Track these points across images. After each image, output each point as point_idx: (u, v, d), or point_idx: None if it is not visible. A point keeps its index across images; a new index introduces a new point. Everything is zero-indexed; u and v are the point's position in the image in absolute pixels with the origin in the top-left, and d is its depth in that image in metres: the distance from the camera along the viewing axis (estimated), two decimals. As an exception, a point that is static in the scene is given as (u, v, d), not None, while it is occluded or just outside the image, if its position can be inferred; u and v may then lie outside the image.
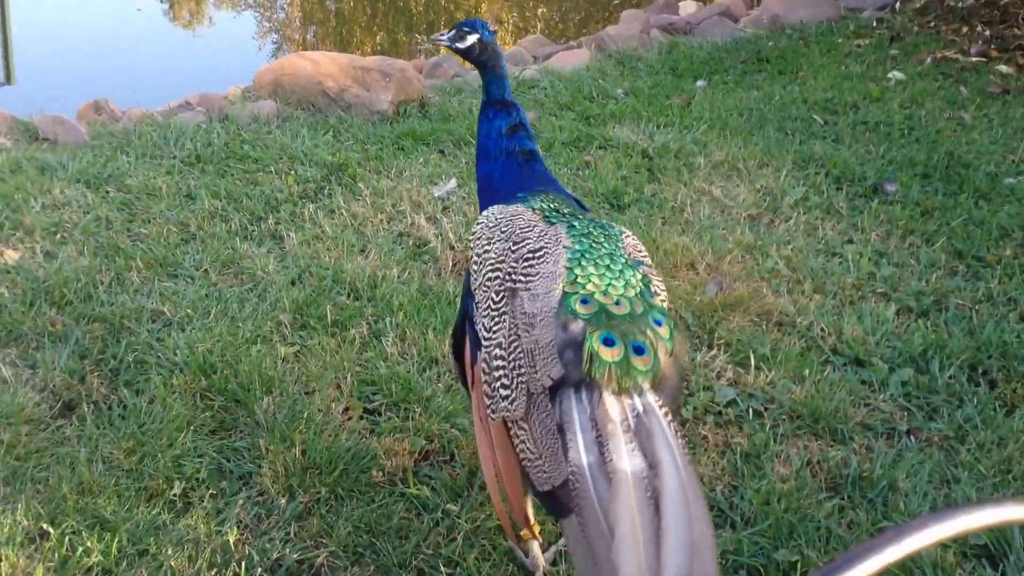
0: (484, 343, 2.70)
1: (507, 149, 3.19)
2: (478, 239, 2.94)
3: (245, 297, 4.08)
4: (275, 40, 13.13)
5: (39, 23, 11.28)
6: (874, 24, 8.47)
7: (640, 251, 2.88)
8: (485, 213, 3.02)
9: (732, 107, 6.56)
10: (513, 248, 2.81)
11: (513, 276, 2.73)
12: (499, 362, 2.63)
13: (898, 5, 8.93)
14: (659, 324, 2.69)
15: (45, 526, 2.91)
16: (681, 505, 2.35)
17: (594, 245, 2.90)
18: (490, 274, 2.81)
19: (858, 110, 6.51)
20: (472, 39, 3.22)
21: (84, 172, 5.04)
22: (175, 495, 3.09)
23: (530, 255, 2.78)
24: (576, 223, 2.98)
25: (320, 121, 6.01)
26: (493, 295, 2.76)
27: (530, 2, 14.68)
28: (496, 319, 2.70)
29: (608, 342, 2.61)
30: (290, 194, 5.01)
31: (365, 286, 4.19)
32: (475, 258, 2.91)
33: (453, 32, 3.25)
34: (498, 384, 2.62)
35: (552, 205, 3.07)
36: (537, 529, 2.95)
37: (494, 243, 2.86)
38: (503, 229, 2.90)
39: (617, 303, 2.71)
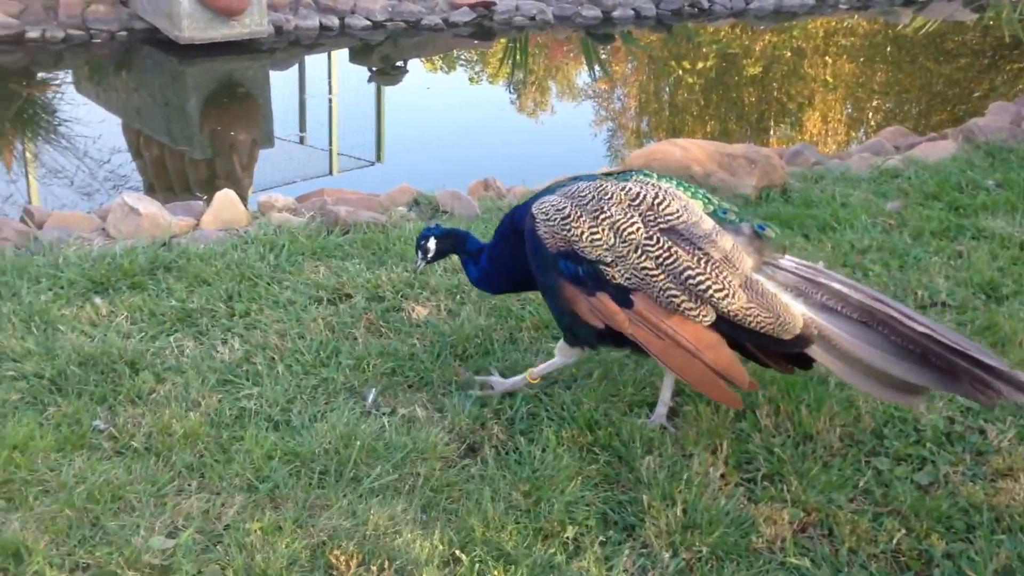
0: (655, 278, 3.41)
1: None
2: (577, 219, 3.51)
3: (624, 363, 4.34)
4: (611, 128, 13.78)
5: (397, 112, 12.77)
6: None
7: None
8: (554, 203, 3.60)
9: (1121, 202, 6.14)
10: (635, 203, 3.47)
11: (658, 221, 3.43)
12: (700, 277, 3.38)
13: None
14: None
15: (457, 552, 3.24)
16: (887, 297, 3.54)
17: (670, 178, 3.72)
18: (628, 231, 3.43)
19: None
20: (431, 244, 4.05)
21: (477, 241, 5.56)
22: (568, 538, 3.34)
23: (654, 200, 3.47)
24: (641, 173, 3.72)
25: (683, 203, 6.27)
26: (646, 241, 3.41)
27: (866, 94, 14.49)
28: (663, 255, 3.40)
29: (761, 227, 3.61)
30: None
31: (737, 359, 4.32)
32: (589, 233, 3.49)
33: (419, 254, 4.11)
34: (711, 291, 3.39)
35: (598, 176, 3.72)
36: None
37: (610, 209, 3.48)
38: (607, 200, 3.51)
39: (727, 206, 3.69)
